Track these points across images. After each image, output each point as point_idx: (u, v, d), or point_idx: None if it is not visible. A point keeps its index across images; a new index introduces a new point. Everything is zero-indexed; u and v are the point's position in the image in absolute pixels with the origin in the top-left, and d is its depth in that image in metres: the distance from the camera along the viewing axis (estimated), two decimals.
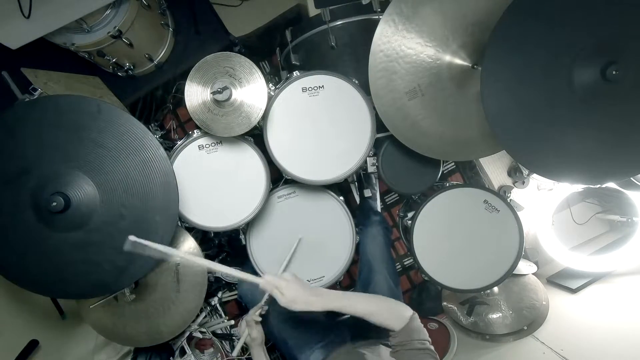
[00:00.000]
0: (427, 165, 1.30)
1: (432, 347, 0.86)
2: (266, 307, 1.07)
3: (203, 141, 1.12)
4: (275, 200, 1.25)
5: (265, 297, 1.03)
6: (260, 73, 1.04)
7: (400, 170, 1.31)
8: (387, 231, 1.35)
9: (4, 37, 1.12)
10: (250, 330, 1.01)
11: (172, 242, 1.14)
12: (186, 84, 1.03)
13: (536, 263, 1.66)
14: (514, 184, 1.62)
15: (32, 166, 0.91)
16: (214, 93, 1.01)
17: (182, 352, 1.37)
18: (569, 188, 1.53)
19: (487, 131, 1.11)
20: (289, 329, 1.16)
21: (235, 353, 1.07)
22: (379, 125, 1.16)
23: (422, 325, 0.89)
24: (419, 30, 1.07)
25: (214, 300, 1.52)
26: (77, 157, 0.92)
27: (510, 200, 1.52)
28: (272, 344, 1.19)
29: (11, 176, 0.91)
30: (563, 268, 1.63)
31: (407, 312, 0.89)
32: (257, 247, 1.24)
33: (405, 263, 1.83)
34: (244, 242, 1.24)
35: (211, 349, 1.48)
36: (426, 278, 1.29)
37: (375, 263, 1.26)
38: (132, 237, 0.82)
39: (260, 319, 1.03)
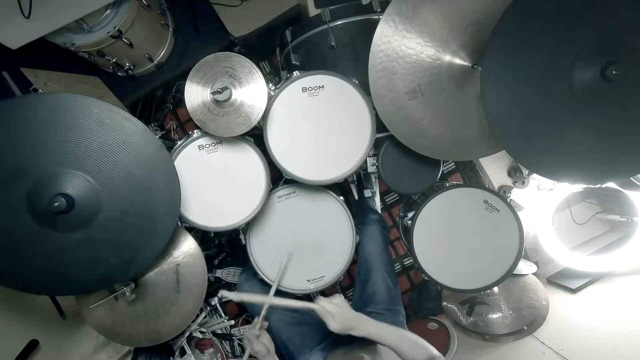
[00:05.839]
0: (427, 165, 1.30)
1: None
2: (266, 323, 1.06)
3: (203, 141, 1.12)
4: (275, 200, 1.25)
5: (264, 311, 1.03)
6: (260, 73, 1.04)
7: (400, 170, 1.31)
8: (385, 230, 1.35)
9: (4, 37, 1.12)
10: (251, 345, 1.01)
11: (172, 242, 1.14)
12: (186, 84, 1.03)
13: (536, 263, 1.66)
14: (514, 184, 1.63)
15: (30, 166, 0.90)
16: (214, 93, 1.01)
17: (182, 352, 1.37)
18: (569, 188, 1.53)
19: (487, 131, 1.11)
20: (290, 332, 1.17)
21: None
22: (379, 125, 1.15)
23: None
24: (419, 30, 1.07)
25: (214, 300, 1.52)
26: (75, 157, 0.91)
27: (510, 200, 1.52)
28: None
29: (8, 177, 0.90)
30: (563, 268, 1.63)
31: (433, 350, 0.90)
32: (257, 247, 1.24)
33: (405, 263, 1.83)
34: (244, 242, 1.24)
35: (211, 349, 1.48)
36: (426, 278, 1.29)
37: (373, 262, 1.26)
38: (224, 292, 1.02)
39: (259, 332, 1.02)
